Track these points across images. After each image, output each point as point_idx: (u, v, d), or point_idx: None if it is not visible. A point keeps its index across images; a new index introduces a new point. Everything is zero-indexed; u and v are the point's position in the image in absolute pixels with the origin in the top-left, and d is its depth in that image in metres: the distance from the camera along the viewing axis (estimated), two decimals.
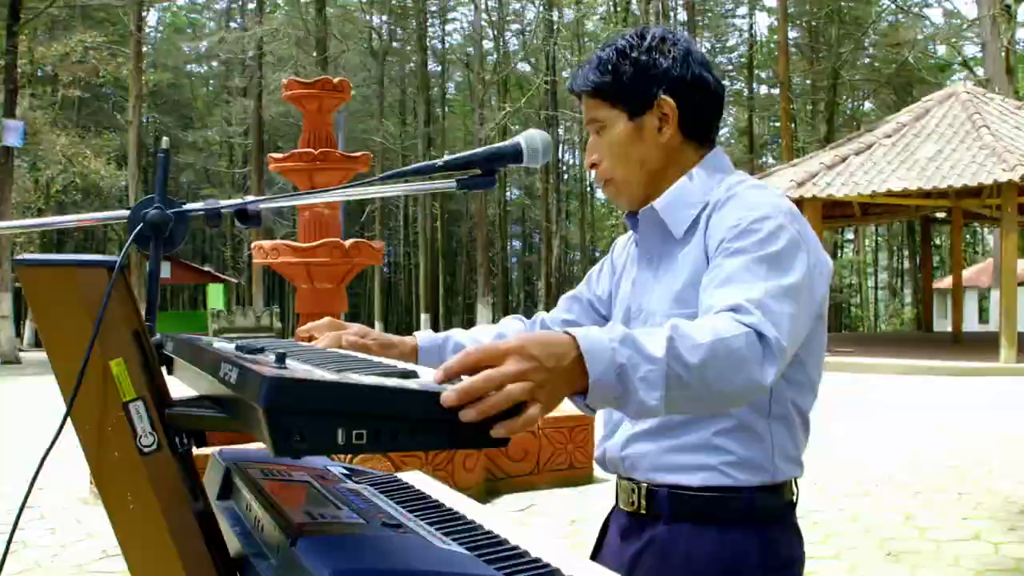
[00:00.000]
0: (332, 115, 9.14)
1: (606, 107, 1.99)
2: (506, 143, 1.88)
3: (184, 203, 1.70)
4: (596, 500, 7.60)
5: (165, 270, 36.71)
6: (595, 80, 1.99)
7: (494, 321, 2.50)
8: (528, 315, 2.38)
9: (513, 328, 2.28)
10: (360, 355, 1.78)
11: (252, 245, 8.84)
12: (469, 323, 55.95)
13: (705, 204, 1.94)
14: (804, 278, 1.73)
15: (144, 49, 41.68)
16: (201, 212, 1.72)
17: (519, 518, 7.15)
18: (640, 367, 1.41)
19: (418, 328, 47.13)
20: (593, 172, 2.06)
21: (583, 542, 5.87)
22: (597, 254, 58.27)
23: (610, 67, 1.97)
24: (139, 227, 1.64)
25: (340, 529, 1.43)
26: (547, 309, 2.38)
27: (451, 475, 7.30)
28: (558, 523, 7.02)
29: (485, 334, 2.25)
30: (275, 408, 1.10)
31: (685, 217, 1.95)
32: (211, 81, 61.21)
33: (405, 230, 57.71)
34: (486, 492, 7.85)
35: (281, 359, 1.23)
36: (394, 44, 53.38)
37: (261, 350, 1.50)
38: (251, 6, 49.85)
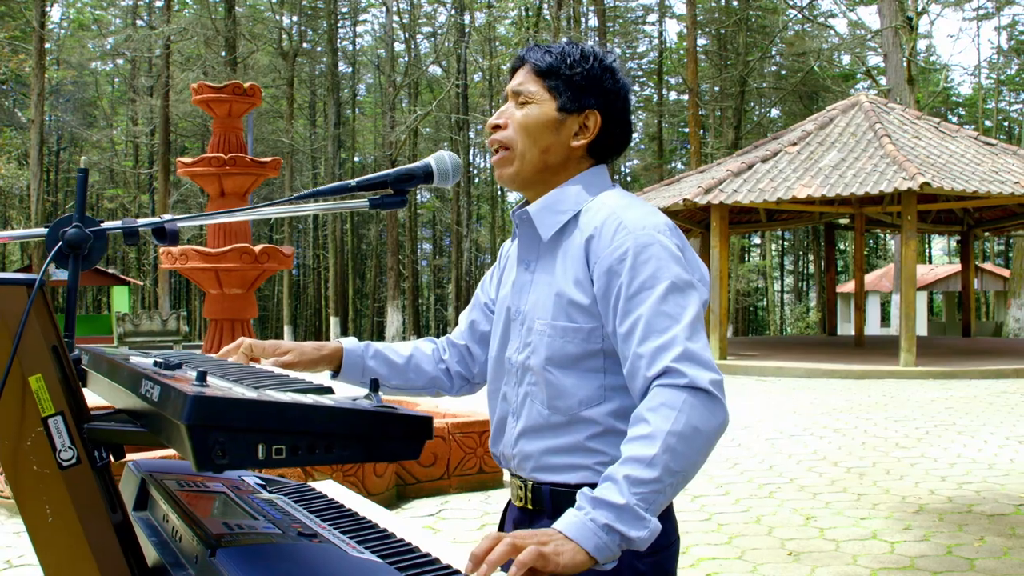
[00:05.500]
0: (242, 118, 9.08)
1: (542, 87, 2.11)
2: (417, 164, 1.96)
3: (102, 221, 1.73)
4: (505, 504, 7.67)
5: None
6: (550, 61, 2.11)
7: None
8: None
9: (424, 347, 2.44)
10: (276, 370, 1.83)
11: (160, 249, 8.75)
12: (379, 326, 55.63)
13: (577, 212, 2.09)
14: (700, 298, 1.96)
15: (47, 45, 40.84)
16: (119, 230, 1.75)
17: (429, 523, 7.20)
18: (618, 519, 1.70)
19: (327, 331, 46.41)
20: (493, 134, 2.16)
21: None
22: None
23: (569, 60, 2.11)
24: (58, 246, 1.67)
25: (257, 539, 1.48)
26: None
27: (362, 481, 7.32)
28: (468, 526, 7.08)
29: (402, 346, 2.41)
30: (197, 425, 1.15)
31: (553, 222, 2.10)
32: (116, 79, 60.09)
33: (315, 232, 57.28)
34: (397, 497, 7.88)
35: (202, 377, 1.28)
36: (304, 45, 52.91)
37: (179, 365, 1.55)
38: (159, 4, 49.06)
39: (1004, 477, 8.67)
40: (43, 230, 1.71)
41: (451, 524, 7.16)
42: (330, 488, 2.22)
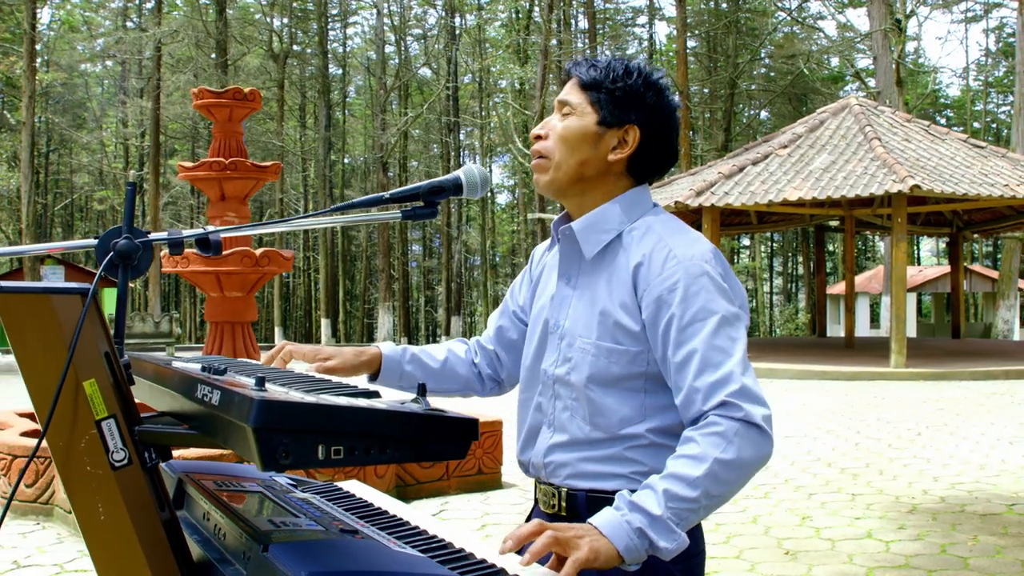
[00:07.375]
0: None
1: (586, 100, 2.16)
2: (447, 177, 2.04)
3: (149, 232, 1.80)
4: (505, 504, 7.76)
5: (59, 275, 35.89)
6: (594, 75, 2.16)
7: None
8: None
9: (457, 349, 2.50)
10: (318, 375, 1.91)
11: (161, 253, 8.79)
12: (369, 328, 55.63)
13: (619, 233, 2.15)
14: (745, 327, 2.05)
15: (37, 47, 40.74)
16: (165, 241, 1.83)
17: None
18: (650, 527, 1.81)
19: (318, 333, 46.28)
20: (536, 143, 2.22)
21: (494, 546, 5.97)
22: (497, 259, 58.43)
23: (611, 75, 2.15)
24: (109, 256, 1.74)
25: (305, 536, 1.55)
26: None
27: (362, 481, 7.37)
28: (469, 527, 7.15)
29: (436, 349, 2.49)
30: (264, 428, 1.22)
31: (597, 241, 2.15)
32: (106, 81, 59.95)
33: (304, 233, 57.20)
34: (397, 498, 7.92)
35: (261, 382, 1.35)
36: (295, 47, 52.81)
37: (225, 370, 1.62)
38: (149, 6, 49.03)
39: (996, 477, 8.78)
40: (92, 240, 1.78)
41: (451, 525, 7.22)
42: (355, 487, 2.29)
